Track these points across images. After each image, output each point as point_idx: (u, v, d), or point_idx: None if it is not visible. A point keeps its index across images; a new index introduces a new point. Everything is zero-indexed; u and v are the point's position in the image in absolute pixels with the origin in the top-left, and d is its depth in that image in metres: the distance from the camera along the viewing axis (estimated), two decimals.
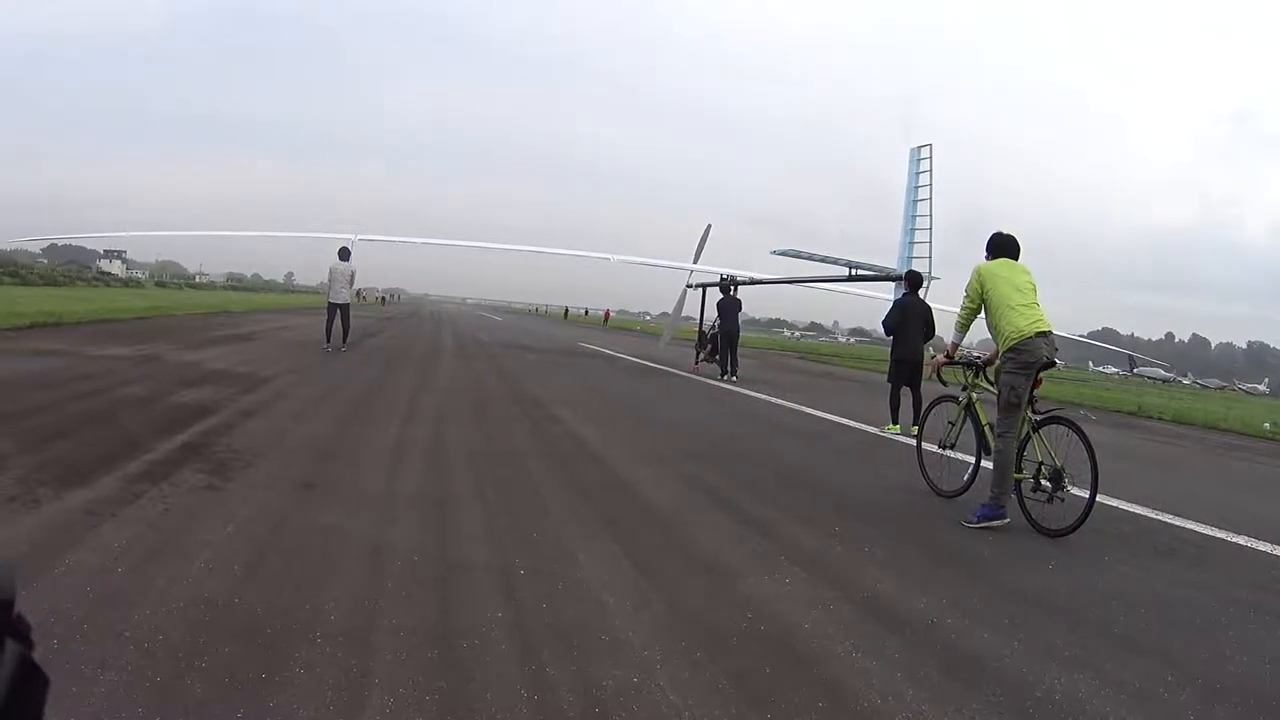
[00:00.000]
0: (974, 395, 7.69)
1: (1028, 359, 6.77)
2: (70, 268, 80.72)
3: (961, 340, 7.68)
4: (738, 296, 21.73)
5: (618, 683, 3.39)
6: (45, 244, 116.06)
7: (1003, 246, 7.31)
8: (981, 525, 6.61)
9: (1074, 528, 6.34)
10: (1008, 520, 6.65)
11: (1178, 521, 7.36)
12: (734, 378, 20.40)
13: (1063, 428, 6.73)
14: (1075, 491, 6.49)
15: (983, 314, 7.22)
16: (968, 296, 7.24)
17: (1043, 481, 6.67)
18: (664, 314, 34.28)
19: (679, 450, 9.57)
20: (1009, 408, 6.83)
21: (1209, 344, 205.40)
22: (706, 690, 3.39)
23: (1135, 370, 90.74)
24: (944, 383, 8.10)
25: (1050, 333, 6.88)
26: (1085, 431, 6.58)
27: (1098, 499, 6.42)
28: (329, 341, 19.38)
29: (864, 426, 13.12)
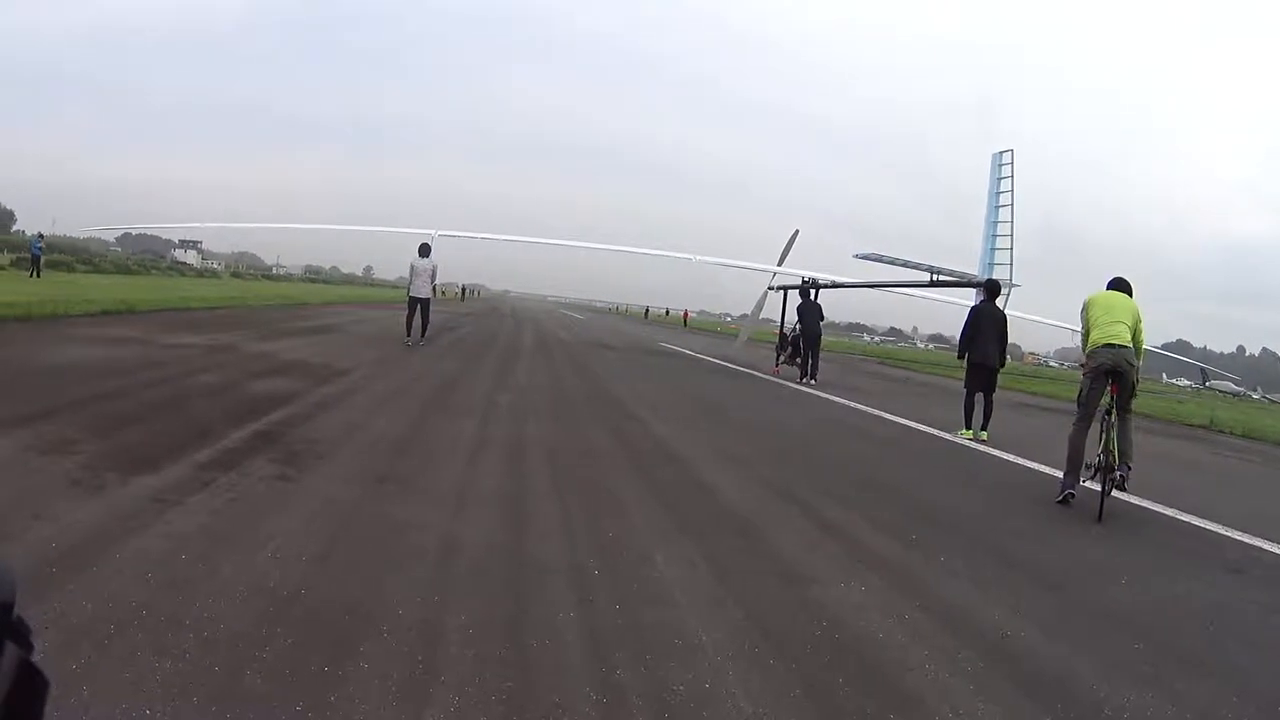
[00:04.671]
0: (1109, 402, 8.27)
1: (1092, 365, 8.07)
2: (144, 257, 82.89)
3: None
4: (818, 301, 21.50)
5: (689, 687, 3.31)
6: (119, 233, 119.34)
7: (1115, 285, 8.58)
8: (1059, 500, 7.83)
9: (1099, 518, 7.27)
10: (1071, 494, 7.82)
11: (1247, 539, 7.26)
12: (813, 381, 20.14)
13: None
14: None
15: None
16: (1080, 321, 8.51)
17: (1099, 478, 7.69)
18: (744, 316, 34.10)
19: (757, 452, 9.52)
20: (1078, 405, 8.30)
21: (1278, 358, 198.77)
22: (778, 698, 3.32)
23: (1207, 383, 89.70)
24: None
25: (1118, 345, 7.95)
26: (1111, 426, 7.73)
27: (1168, 513, 7.66)
28: (409, 335, 19.25)
29: (940, 433, 12.98)
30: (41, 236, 43.60)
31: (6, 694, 0.66)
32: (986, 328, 13.00)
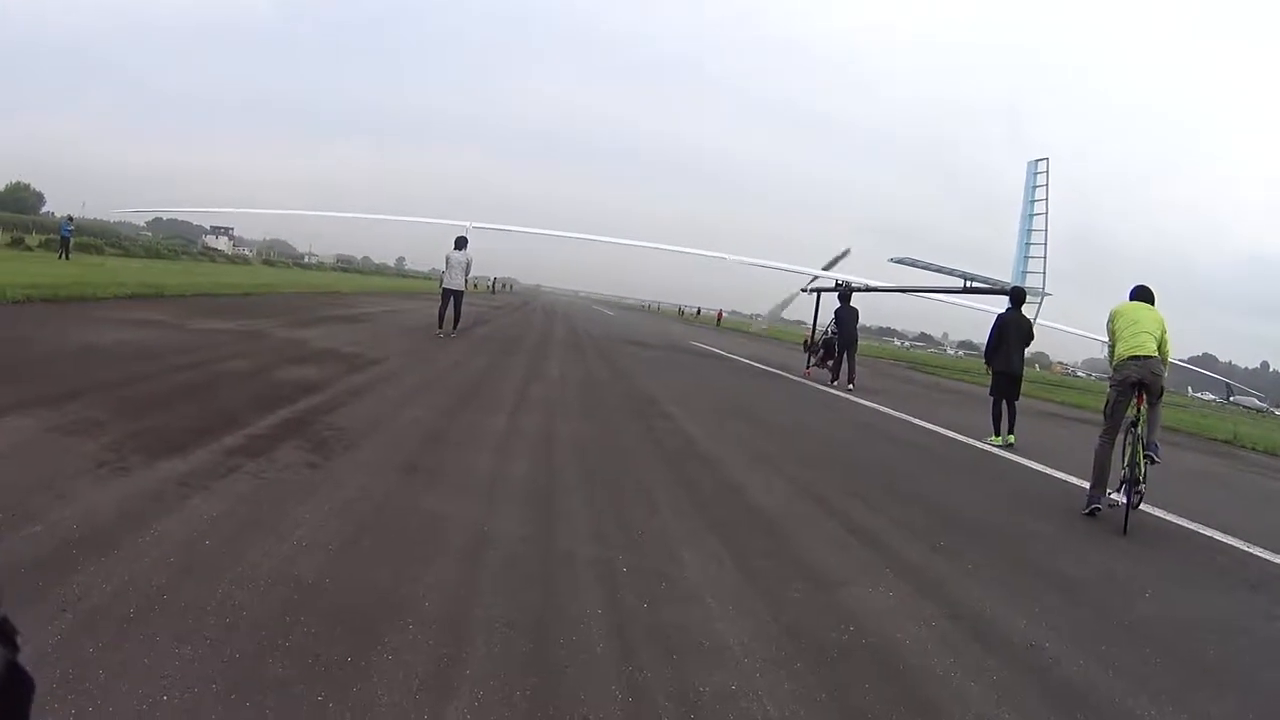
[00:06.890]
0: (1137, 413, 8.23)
1: (1118, 377, 8.16)
2: (175, 242, 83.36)
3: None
4: (854, 306, 21.48)
5: (715, 689, 3.29)
6: (150, 217, 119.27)
7: (1138, 294, 8.69)
8: (1085, 512, 7.78)
9: (1124, 530, 7.28)
10: (1098, 507, 7.75)
11: (1268, 555, 7.23)
12: (851, 385, 19.99)
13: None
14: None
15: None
16: (1107, 333, 8.58)
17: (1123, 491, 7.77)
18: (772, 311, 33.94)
19: (787, 453, 9.50)
20: (1105, 417, 8.40)
21: None
22: (803, 702, 3.29)
23: (1231, 398, 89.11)
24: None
25: (1143, 357, 8.02)
26: (1138, 439, 7.79)
27: (1192, 527, 7.90)
28: (441, 327, 19.30)
29: (970, 440, 12.89)
30: (71, 219, 43.90)
31: None
32: (1011, 336, 13.20)
